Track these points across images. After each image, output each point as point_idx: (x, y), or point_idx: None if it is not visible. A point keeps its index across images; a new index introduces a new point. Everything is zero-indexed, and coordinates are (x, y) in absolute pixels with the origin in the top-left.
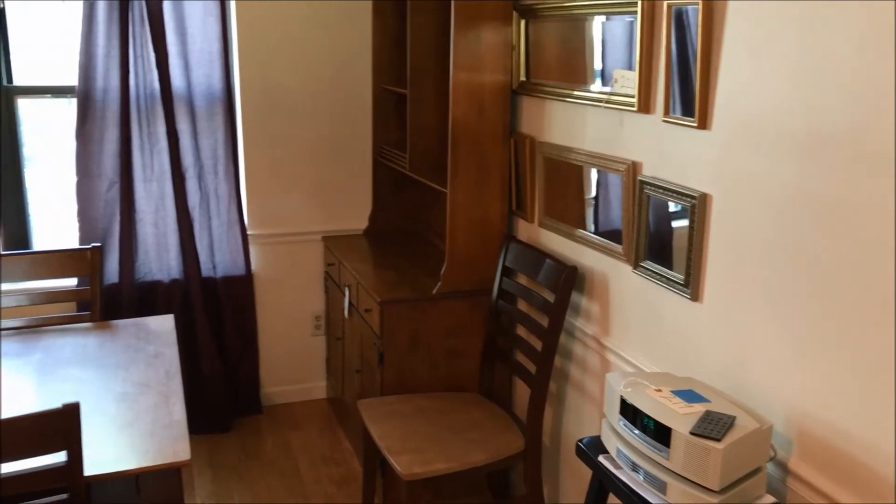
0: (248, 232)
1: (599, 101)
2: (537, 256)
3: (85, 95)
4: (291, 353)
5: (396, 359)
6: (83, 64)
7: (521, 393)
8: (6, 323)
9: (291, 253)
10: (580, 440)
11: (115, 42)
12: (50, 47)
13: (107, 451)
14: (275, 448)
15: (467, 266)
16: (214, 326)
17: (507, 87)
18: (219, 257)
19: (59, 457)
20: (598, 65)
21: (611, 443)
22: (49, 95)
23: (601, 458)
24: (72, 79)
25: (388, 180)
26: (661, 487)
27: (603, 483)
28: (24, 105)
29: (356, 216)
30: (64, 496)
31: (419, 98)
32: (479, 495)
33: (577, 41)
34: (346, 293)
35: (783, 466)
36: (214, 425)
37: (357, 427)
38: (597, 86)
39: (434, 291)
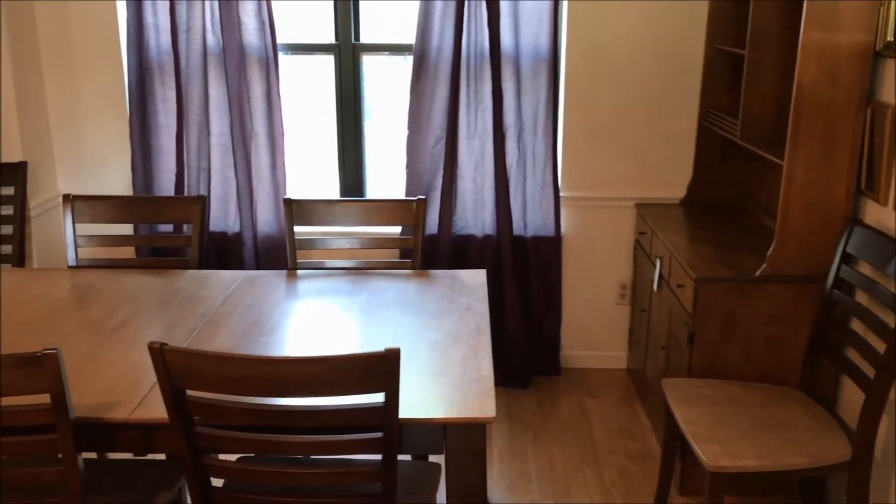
0: (561, 193)
1: None
2: (888, 245)
3: (421, 53)
4: (594, 318)
5: (708, 340)
6: (421, 24)
7: (850, 395)
8: (339, 263)
9: (602, 218)
10: None
11: (452, 2)
12: (391, 7)
13: (418, 396)
14: (570, 412)
15: (799, 248)
16: (521, 284)
17: (870, 48)
18: (530, 217)
19: (377, 397)
20: None
21: None
22: (387, 53)
23: None
24: (409, 37)
25: (714, 148)
26: None
27: None
28: (366, 61)
29: (674, 184)
30: (379, 435)
31: (759, 59)
32: (788, 498)
33: None
34: (658, 265)
35: None
36: (513, 381)
37: (658, 404)
38: None
39: (758, 273)
